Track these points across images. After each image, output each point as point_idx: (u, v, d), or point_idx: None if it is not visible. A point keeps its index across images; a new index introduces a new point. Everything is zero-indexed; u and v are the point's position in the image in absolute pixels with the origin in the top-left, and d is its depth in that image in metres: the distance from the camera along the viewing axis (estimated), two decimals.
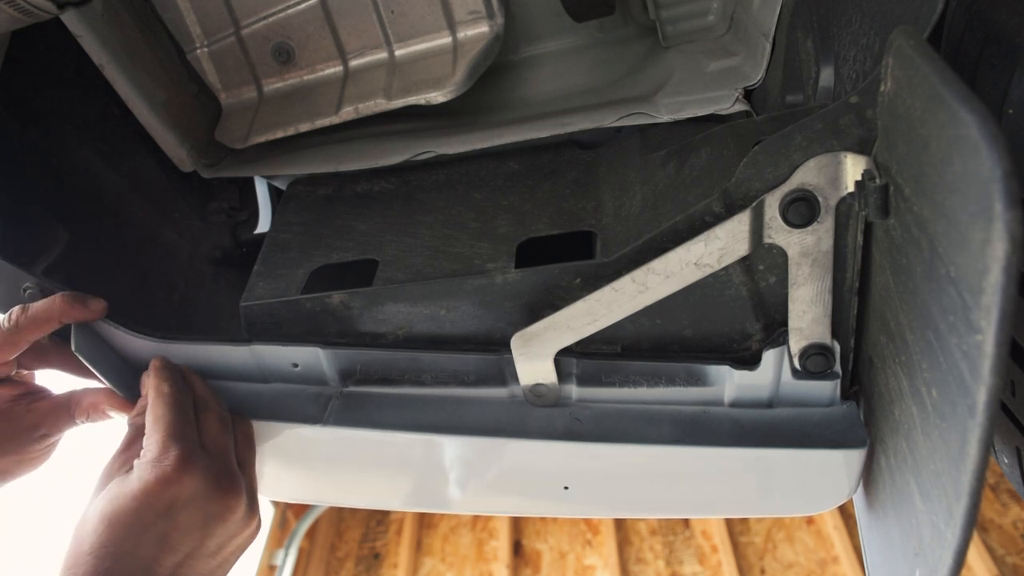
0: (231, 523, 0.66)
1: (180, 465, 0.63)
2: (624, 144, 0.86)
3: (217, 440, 0.69)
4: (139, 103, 0.84)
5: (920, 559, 0.51)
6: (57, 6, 0.73)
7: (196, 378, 0.75)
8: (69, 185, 0.87)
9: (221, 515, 0.65)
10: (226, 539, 0.67)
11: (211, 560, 0.66)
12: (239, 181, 1.02)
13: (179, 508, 0.63)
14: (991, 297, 0.36)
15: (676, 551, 2.61)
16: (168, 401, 0.68)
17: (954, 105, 0.37)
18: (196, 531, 0.64)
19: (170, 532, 0.62)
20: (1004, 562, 2.32)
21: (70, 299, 0.72)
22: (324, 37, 0.88)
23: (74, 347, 0.72)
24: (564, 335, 0.67)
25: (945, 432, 0.44)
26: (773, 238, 0.59)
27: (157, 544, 0.62)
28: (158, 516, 0.62)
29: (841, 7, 0.65)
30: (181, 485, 0.63)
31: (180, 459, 0.63)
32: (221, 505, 0.65)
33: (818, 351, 0.64)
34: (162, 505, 0.62)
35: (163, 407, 0.68)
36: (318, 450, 0.77)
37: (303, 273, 0.78)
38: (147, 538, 0.61)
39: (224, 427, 0.71)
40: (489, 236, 0.78)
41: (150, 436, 0.66)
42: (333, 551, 2.91)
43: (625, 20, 0.97)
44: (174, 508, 0.63)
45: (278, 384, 0.78)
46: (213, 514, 0.65)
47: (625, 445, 0.69)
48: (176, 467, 0.63)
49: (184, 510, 0.63)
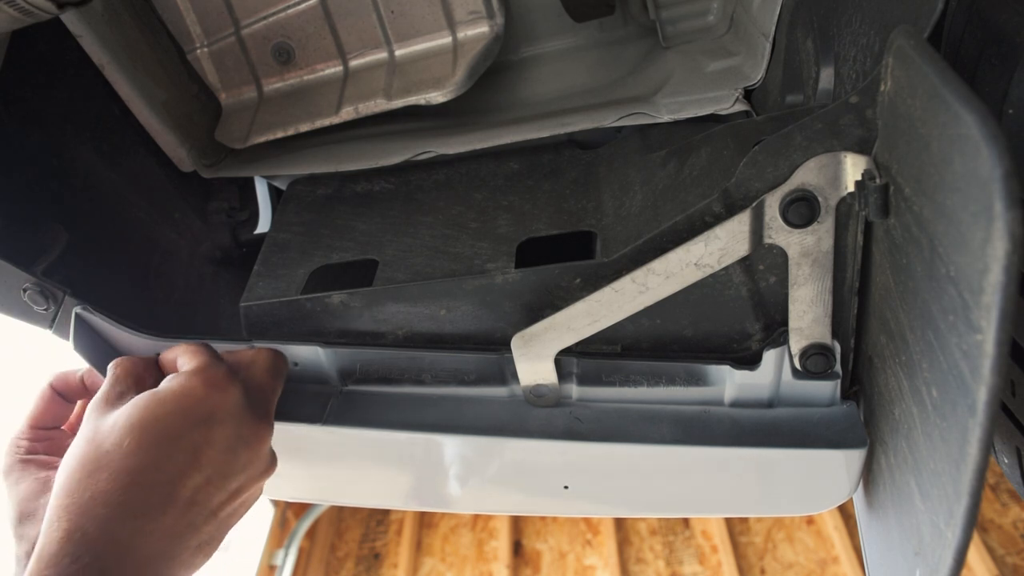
0: (257, 457, 0.64)
1: (227, 377, 0.62)
2: (624, 144, 0.86)
3: (261, 380, 0.68)
4: (139, 103, 0.84)
5: (920, 559, 0.51)
6: (57, 6, 0.73)
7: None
8: (69, 185, 0.87)
9: (251, 442, 0.63)
10: (246, 479, 0.64)
11: (228, 498, 0.62)
12: (239, 181, 1.02)
13: (217, 421, 0.60)
14: (991, 297, 0.36)
15: (676, 551, 2.61)
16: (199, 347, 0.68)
17: (954, 105, 0.37)
18: (225, 452, 0.61)
19: (202, 445, 0.59)
20: (1004, 562, 2.32)
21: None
22: (324, 37, 0.88)
23: (74, 346, 0.72)
24: (564, 335, 0.67)
25: (945, 432, 0.44)
26: (773, 238, 0.59)
27: (187, 457, 0.58)
28: (195, 424, 0.59)
29: (841, 7, 0.65)
30: (226, 394, 0.61)
31: (227, 374, 0.62)
32: (254, 429, 0.63)
33: (818, 351, 0.64)
34: (203, 412, 0.59)
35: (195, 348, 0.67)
36: (318, 449, 0.77)
37: (303, 273, 0.78)
38: (178, 448, 0.58)
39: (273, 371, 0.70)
40: (489, 236, 0.78)
41: (191, 358, 0.64)
42: (333, 551, 2.91)
43: (625, 20, 0.97)
44: (212, 419, 0.60)
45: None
46: (245, 438, 0.62)
47: (625, 444, 0.69)
48: (223, 376, 0.61)
49: (221, 425, 0.60)
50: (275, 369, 0.70)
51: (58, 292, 0.76)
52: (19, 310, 0.77)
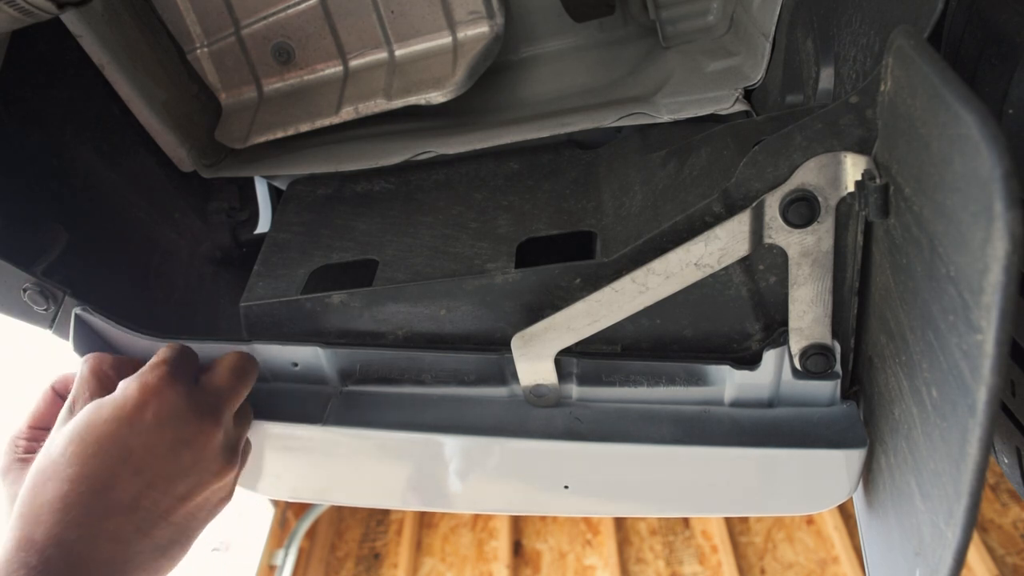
0: (202, 458, 0.62)
1: (164, 380, 0.61)
2: (624, 144, 0.86)
3: (217, 381, 0.66)
4: (139, 103, 0.84)
5: (921, 559, 0.51)
6: (57, 6, 0.73)
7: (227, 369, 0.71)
8: (69, 185, 0.87)
9: (193, 444, 0.61)
10: (196, 482, 0.62)
11: (177, 503, 0.61)
12: (239, 181, 1.02)
13: (152, 425, 0.59)
14: (991, 297, 0.36)
15: (676, 551, 2.61)
16: (173, 346, 0.67)
17: (954, 105, 0.37)
18: (164, 454, 0.60)
19: (137, 449, 0.59)
20: (1004, 562, 2.32)
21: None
22: (324, 37, 0.88)
23: (73, 345, 0.72)
24: (564, 335, 0.67)
25: (945, 432, 0.44)
26: (773, 238, 0.59)
27: (122, 462, 0.58)
28: (130, 430, 0.59)
29: (841, 7, 0.65)
30: (161, 397, 0.60)
31: (166, 376, 0.61)
32: (195, 431, 0.61)
33: (818, 351, 0.64)
34: (137, 417, 0.59)
35: (167, 348, 0.66)
36: (317, 449, 0.77)
37: (303, 273, 0.78)
38: (113, 454, 0.58)
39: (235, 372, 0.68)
40: (489, 236, 0.78)
41: (153, 360, 0.64)
42: (333, 551, 2.91)
43: (625, 20, 0.97)
44: (143, 420, 0.59)
45: (278, 383, 0.78)
46: (184, 438, 0.61)
47: (625, 444, 0.69)
48: (160, 379, 0.60)
49: (158, 428, 0.59)
50: (238, 369, 0.69)
51: (58, 292, 0.76)
52: (19, 310, 0.77)
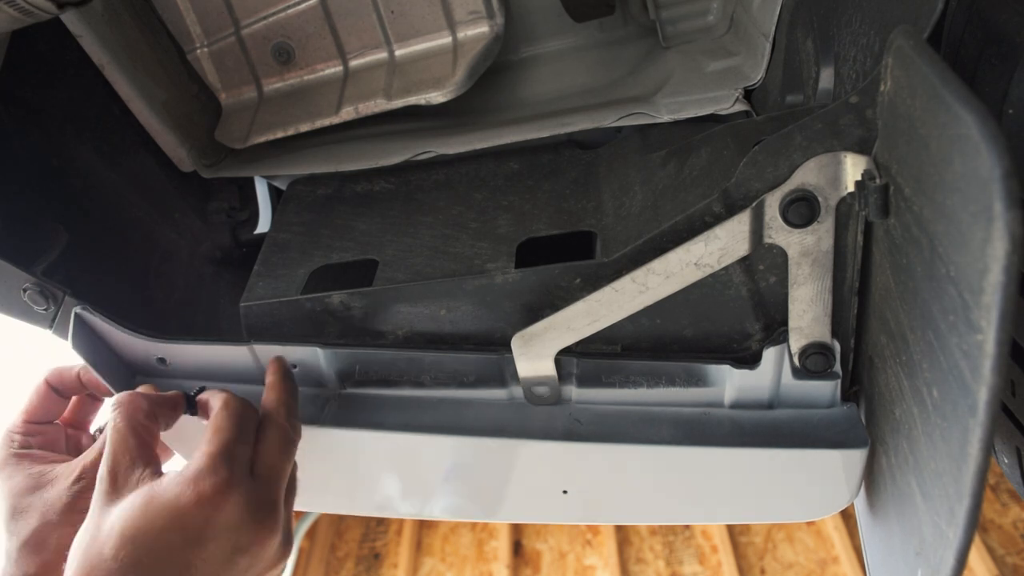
0: (259, 559, 0.61)
1: (223, 488, 0.58)
2: (624, 144, 0.86)
3: (271, 466, 0.63)
4: (139, 103, 0.84)
5: (922, 559, 0.51)
6: (57, 6, 0.73)
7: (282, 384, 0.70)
8: (69, 185, 0.87)
9: (249, 549, 0.60)
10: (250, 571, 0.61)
11: None
12: (239, 181, 1.02)
13: (210, 537, 0.58)
14: (991, 297, 0.36)
15: (676, 551, 2.61)
16: (232, 413, 0.63)
17: (954, 105, 0.37)
18: (222, 563, 0.59)
19: (195, 561, 0.57)
20: (1004, 562, 2.32)
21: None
22: (324, 37, 0.88)
23: (72, 346, 0.72)
24: (564, 335, 0.67)
25: (946, 432, 0.44)
26: (773, 238, 0.58)
27: (178, 570, 0.57)
28: (187, 542, 0.57)
29: (841, 7, 0.65)
30: (218, 511, 0.58)
31: (224, 483, 0.58)
32: (253, 537, 0.60)
33: (818, 350, 0.64)
34: (194, 529, 0.57)
35: (225, 419, 0.63)
36: (313, 452, 0.77)
37: (303, 273, 0.78)
38: (170, 565, 0.56)
39: (285, 450, 0.65)
40: (489, 236, 0.77)
41: (202, 448, 0.61)
42: (333, 551, 2.91)
43: (625, 20, 0.97)
44: (204, 536, 0.57)
45: None
46: (242, 546, 0.59)
47: (625, 445, 0.69)
48: (218, 490, 0.58)
49: (215, 540, 0.58)
50: (286, 442, 0.66)
51: (58, 292, 0.76)
52: (19, 310, 0.77)
